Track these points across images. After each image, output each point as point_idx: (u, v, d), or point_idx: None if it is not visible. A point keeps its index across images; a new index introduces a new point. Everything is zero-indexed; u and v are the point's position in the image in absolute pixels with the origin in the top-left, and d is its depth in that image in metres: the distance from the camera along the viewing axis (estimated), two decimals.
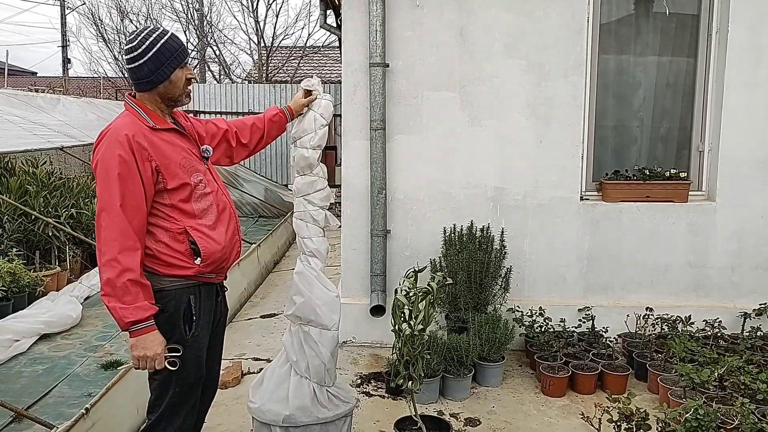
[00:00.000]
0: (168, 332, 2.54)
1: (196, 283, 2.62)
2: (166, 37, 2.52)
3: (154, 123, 2.54)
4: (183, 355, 2.56)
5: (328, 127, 3.31)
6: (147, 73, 2.51)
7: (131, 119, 2.52)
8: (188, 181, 2.57)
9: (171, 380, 2.58)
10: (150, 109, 2.58)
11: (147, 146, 2.46)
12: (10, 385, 4.40)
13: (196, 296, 2.62)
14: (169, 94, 2.58)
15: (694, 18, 5.06)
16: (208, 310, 2.70)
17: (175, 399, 2.61)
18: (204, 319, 2.67)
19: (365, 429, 3.80)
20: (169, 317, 2.55)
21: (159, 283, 2.54)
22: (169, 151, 2.54)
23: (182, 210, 2.55)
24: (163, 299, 2.54)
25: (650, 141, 5.28)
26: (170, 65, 2.52)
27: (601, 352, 4.50)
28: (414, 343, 3.21)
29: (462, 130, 4.92)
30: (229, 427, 3.79)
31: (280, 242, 9.07)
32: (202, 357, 2.69)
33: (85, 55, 42.01)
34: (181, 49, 2.57)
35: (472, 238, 4.80)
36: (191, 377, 2.64)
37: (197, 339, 2.64)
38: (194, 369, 2.64)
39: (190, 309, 2.60)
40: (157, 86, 2.55)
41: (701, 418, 2.99)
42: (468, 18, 4.82)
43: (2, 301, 5.47)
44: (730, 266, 5.01)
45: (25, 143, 7.13)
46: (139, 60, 2.49)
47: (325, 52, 20.64)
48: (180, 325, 2.58)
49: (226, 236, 2.67)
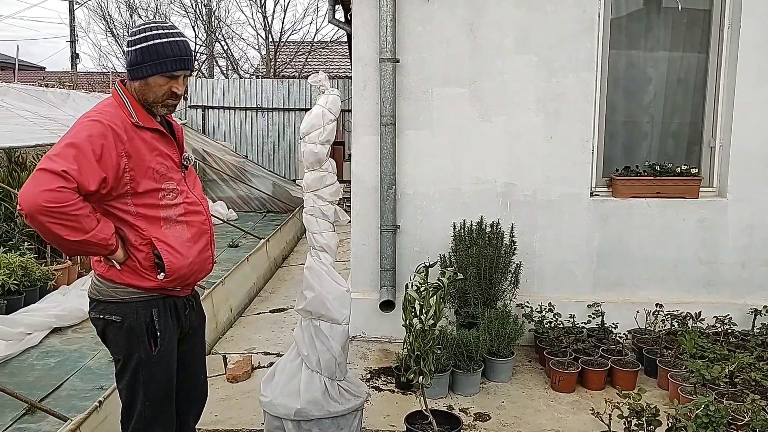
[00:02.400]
0: (128, 347, 2.43)
1: (158, 296, 2.46)
2: (164, 40, 2.36)
3: (138, 119, 2.38)
4: (151, 371, 2.46)
5: (336, 122, 3.32)
6: (128, 63, 2.39)
7: (116, 111, 2.37)
8: (159, 187, 2.40)
9: (138, 393, 2.47)
10: (136, 102, 2.43)
11: (125, 140, 2.31)
12: (23, 378, 4.44)
13: (159, 310, 2.46)
14: (143, 95, 2.42)
15: (706, 13, 5.03)
16: (173, 323, 2.53)
17: (147, 413, 2.50)
18: (169, 333, 2.51)
19: (375, 423, 3.81)
20: (129, 331, 2.42)
21: (116, 294, 2.41)
22: (145, 152, 2.37)
23: (149, 218, 2.39)
24: (121, 312, 2.41)
25: (661, 137, 5.26)
26: (151, 68, 2.36)
27: (611, 348, 4.50)
28: (425, 338, 3.22)
29: (472, 125, 4.91)
30: (240, 420, 3.81)
31: (289, 237, 9.10)
32: (172, 371, 2.55)
33: (94, 50, 42.10)
34: (173, 59, 2.37)
35: (481, 234, 4.80)
36: (161, 391, 2.51)
37: (165, 353, 2.49)
38: (163, 383, 2.52)
39: (153, 324, 2.44)
40: (133, 81, 2.41)
41: (712, 415, 2.98)
42: (478, 13, 4.82)
43: (14, 295, 5.51)
44: (740, 262, 5.00)
45: (35, 138, 7.15)
46: (130, 46, 2.37)
47: (333, 47, 20.65)
48: (144, 341, 2.43)
49: (195, 251, 2.49)
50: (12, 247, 6.06)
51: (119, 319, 2.41)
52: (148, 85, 2.40)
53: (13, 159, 7.72)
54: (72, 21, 22.76)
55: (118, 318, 2.41)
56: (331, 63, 19.96)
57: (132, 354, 2.44)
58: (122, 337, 2.42)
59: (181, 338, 2.63)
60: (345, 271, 5.59)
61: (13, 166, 7.56)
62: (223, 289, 5.62)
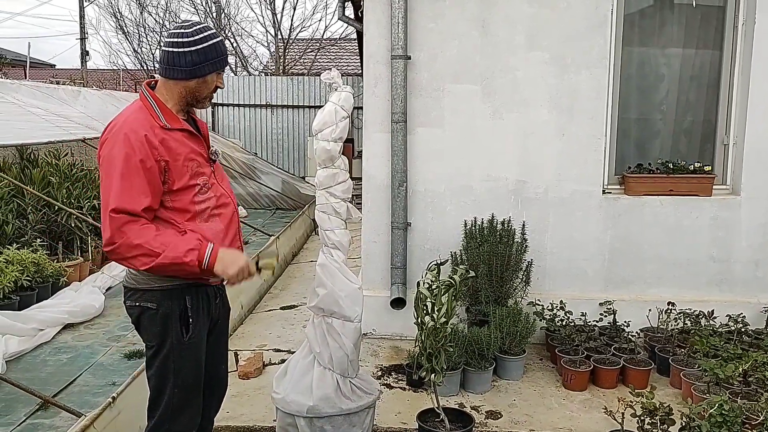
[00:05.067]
0: (162, 334, 2.50)
1: (192, 283, 2.54)
2: (218, 39, 2.52)
3: (166, 122, 2.46)
4: (181, 357, 2.53)
5: (349, 119, 3.31)
6: (186, 63, 2.44)
7: (144, 114, 2.44)
8: (193, 182, 2.50)
9: (168, 380, 2.53)
10: (165, 105, 2.50)
11: (158, 144, 2.39)
12: (36, 374, 4.47)
13: (192, 298, 2.55)
14: (197, 93, 2.53)
15: (720, 9, 4.99)
16: (205, 311, 2.62)
17: (176, 400, 2.55)
18: (201, 321, 2.60)
19: (387, 421, 3.81)
20: (163, 318, 2.50)
21: (153, 282, 2.49)
22: (178, 152, 2.46)
23: (184, 212, 2.49)
24: (157, 299, 2.50)
25: (674, 134, 5.22)
26: (211, 66, 2.49)
27: (623, 347, 4.47)
28: (437, 336, 3.21)
29: (483, 122, 4.90)
30: (252, 417, 3.82)
31: (298, 234, 9.11)
32: (201, 359, 2.63)
33: (105, 47, 42.27)
34: (225, 56, 2.56)
35: (492, 232, 4.79)
36: (190, 378, 2.58)
37: (195, 341, 2.57)
38: (193, 371, 2.58)
39: (186, 311, 2.53)
40: (190, 80, 2.48)
41: (726, 414, 2.96)
42: (490, 10, 4.80)
43: (27, 291, 5.55)
44: (754, 261, 4.96)
45: (47, 135, 7.19)
46: (186, 47, 2.43)
47: (342, 44, 20.63)
48: (177, 327, 2.51)
49: (226, 241, 2.58)
50: (24, 244, 6.10)
51: (154, 306, 2.49)
52: (205, 83, 2.52)
53: (24, 156, 7.77)
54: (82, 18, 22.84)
55: (153, 305, 2.49)
56: (340, 60, 19.97)
57: (165, 340, 2.51)
58: (157, 323, 2.50)
59: (209, 329, 2.70)
60: (356, 269, 5.58)
61: (24, 163, 7.61)
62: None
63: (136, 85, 17.95)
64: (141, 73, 20.69)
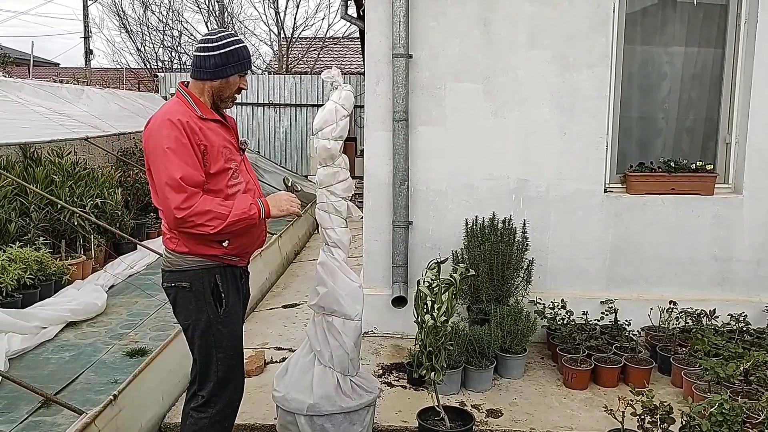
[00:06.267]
0: (198, 310, 2.76)
1: (221, 264, 2.80)
2: (241, 44, 2.80)
3: (201, 113, 2.74)
4: (219, 331, 2.78)
5: (349, 118, 3.32)
6: (211, 65, 2.73)
7: (182, 107, 2.72)
8: (227, 167, 2.76)
9: (212, 354, 2.80)
10: (199, 99, 2.78)
11: (198, 131, 2.66)
12: (38, 371, 4.49)
13: (222, 276, 2.80)
14: (221, 92, 2.80)
15: (722, 8, 4.98)
16: (234, 289, 2.87)
17: (221, 374, 2.82)
18: (233, 297, 2.85)
19: (387, 419, 3.82)
20: (197, 295, 2.75)
21: (185, 263, 2.75)
22: (213, 138, 2.73)
23: (218, 193, 2.72)
24: (190, 278, 2.75)
25: (676, 133, 5.21)
26: (233, 68, 2.77)
27: (624, 346, 4.47)
28: (437, 334, 3.22)
29: (485, 121, 4.90)
30: (253, 415, 3.83)
31: (301, 233, 9.12)
32: (239, 330, 2.91)
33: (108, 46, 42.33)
34: (247, 60, 2.83)
35: (494, 230, 4.79)
36: (231, 350, 2.84)
37: (230, 314, 2.82)
38: (232, 342, 2.85)
39: (218, 288, 2.78)
40: (214, 80, 2.77)
41: (726, 413, 2.96)
42: (491, 8, 4.79)
43: (29, 289, 5.56)
44: (756, 260, 4.95)
45: (50, 133, 7.21)
46: (211, 51, 2.72)
47: (345, 43, 20.62)
48: (211, 303, 2.76)
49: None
50: (27, 242, 6.11)
51: (188, 285, 2.75)
52: (228, 83, 2.80)
53: (28, 154, 7.79)
54: (86, 17, 22.90)
55: (186, 284, 2.75)
56: (343, 59, 19.95)
57: (200, 316, 2.77)
58: (191, 300, 2.76)
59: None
60: (357, 267, 5.60)
61: (28, 161, 7.63)
62: None
63: (140, 84, 17.99)
64: (144, 71, 20.71)
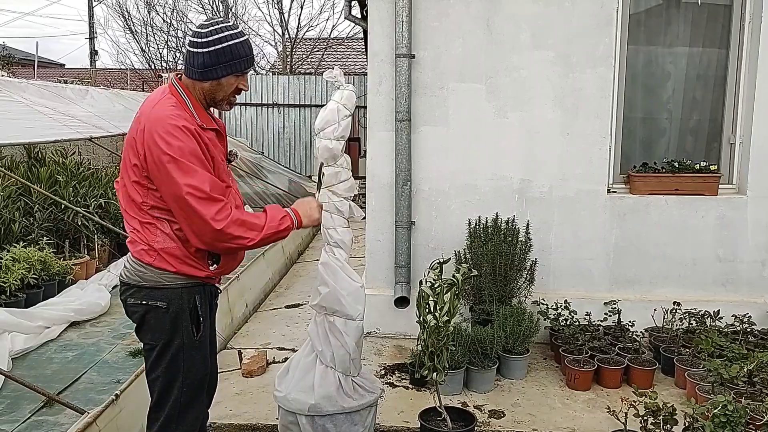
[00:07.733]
0: (172, 332, 2.48)
1: (200, 283, 2.55)
2: (237, 40, 2.42)
3: (201, 121, 2.43)
4: (192, 356, 2.53)
5: (351, 118, 3.31)
6: (199, 65, 2.40)
7: (182, 111, 2.39)
8: (229, 183, 2.52)
9: (176, 380, 2.52)
10: (196, 101, 2.47)
11: (207, 141, 2.42)
12: (41, 371, 4.50)
13: (201, 296, 2.54)
14: (212, 94, 2.48)
15: (726, 8, 4.96)
16: (209, 309, 2.65)
17: (183, 398, 2.54)
18: (208, 320, 2.63)
19: (389, 419, 3.81)
20: (174, 317, 2.48)
21: (163, 280, 2.46)
22: (215, 152, 2.46)
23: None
24: (167, 298, 2.46)
25: (679, 133, 5.20)
26: (226, 69, 2.42)
27: (628, 347, 4.46)
28: (439, 335, 3.21)
29: (488, 121, 4.89)
30: (255, 415, 3.83)
31: (304, 233, 9.12)
32: (208, 356, 2.65)
33: (113, 47, 42.46)
34: (244, 58, 2.46)
35: (497, 231, 4.77)
36: (199, 375, 2.58)
37: (204, 338, 2.58)
38: (202, 368, 2.59)
39: (197, 310, 2.52)
40: (204, 81, 2.44)
41: (730, 414, 2.94)
42: (494, 8, 4.78)
43: (33, 289, 5.59)
44: (760, 261, 4.93)
45: (55, 134, 7.24)
46: (200, 48, 2.38)
47: (349, 43, 20.64)
48: (188, 326, 2.50)
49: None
50: (31, 242, 6.13)
51: (164, 305, 2.45)
52: (220, 85, 2.46)
53: (32, 155, 7.81)
54: (91, 18, 22.96)
55: (163, 303, 2.45)
56: (347, 59, 19.96)
57: (173, 339, 2.48)
58: (167, 322, 2.46)
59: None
60: (360, 267, 5.60)
61: (32, 161, 7.65)
62: (239, 284, 5.65)
63: (144, 84, 18.03)
64: (148, 72, 20.76)
